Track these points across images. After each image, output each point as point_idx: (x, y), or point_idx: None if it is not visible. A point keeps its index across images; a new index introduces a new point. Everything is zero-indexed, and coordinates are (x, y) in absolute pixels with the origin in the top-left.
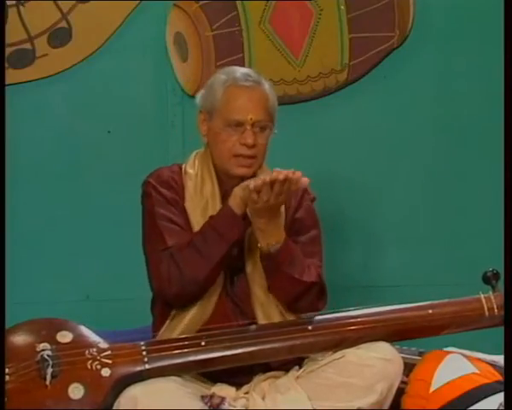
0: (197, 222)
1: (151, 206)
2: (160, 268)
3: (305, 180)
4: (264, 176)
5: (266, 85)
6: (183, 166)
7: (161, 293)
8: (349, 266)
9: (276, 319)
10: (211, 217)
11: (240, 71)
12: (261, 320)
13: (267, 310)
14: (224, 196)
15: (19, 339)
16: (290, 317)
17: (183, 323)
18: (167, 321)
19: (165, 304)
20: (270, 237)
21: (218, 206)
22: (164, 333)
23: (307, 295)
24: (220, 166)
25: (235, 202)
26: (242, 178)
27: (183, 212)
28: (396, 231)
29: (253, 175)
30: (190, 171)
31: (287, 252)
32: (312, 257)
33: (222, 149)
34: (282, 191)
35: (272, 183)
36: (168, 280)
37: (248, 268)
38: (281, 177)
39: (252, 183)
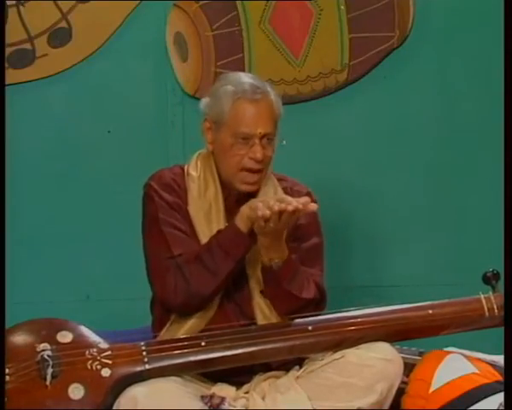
0: (201, 227)
1: (154, 211)
2: (165, 277)
3: (312, 206)
4: (273, 203)
5: (272, 94)
6: (186, 168)
7: (166, 302)
8: (349, 267)
9: (276, 320)
10: (218, 232)
11: (247, 82)
12: (260, 322)
13: (267, 312)
14: (227, 198)
15: (19, 339)
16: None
17: (185, 328)
18: (168, 324)
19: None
20: (274, 253)
21: (222, 209)
22: (165, 335)
23: (304, 310)
24: (225, 178)
25: (241, 221)
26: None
27: (187, 216)
28: (396, 232)
29: (258, 190)
30: (193, 173)
31: (288, 269)
32: (313, 266)
33: (230, 162)
34: (289, 220)
35: (281, 213)
36: (174, 291)
37: (249, 271)
38: (290, 208)
39: (259, 211)
